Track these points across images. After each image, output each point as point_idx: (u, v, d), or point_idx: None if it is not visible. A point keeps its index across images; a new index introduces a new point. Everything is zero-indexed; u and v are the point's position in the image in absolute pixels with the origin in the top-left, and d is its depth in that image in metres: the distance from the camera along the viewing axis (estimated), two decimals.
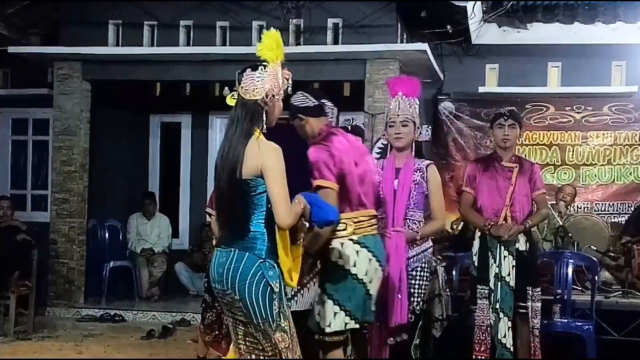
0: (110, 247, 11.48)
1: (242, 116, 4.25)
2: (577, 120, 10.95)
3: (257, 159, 4.14)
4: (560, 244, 8.56)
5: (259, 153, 4.15)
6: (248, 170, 4.15)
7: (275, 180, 4.15)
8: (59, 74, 10.57)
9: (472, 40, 10.90)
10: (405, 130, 5.73)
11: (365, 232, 5.04)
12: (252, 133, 4.21)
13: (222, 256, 4.25)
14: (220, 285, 4.25)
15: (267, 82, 4.27)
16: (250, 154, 4.16)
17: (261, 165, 4.14)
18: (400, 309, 5.55)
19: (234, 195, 4.19)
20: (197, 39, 10.35)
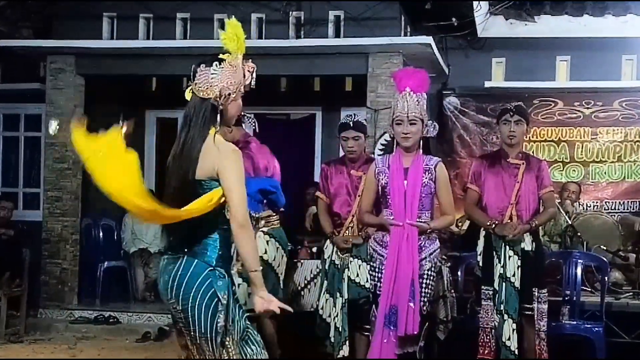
0: (105, 246, 11.46)
1: (195, 115, 4.10)
2: (587, 116, 10.95)
3: (214, 160, 4.02)
4: (569, 243, 8.57)
5: (217, 154, 4.02)
6: (203, 171, 4.03)
7: (234, 182, 4.02)
8: (52, 68, 10.56)
9: (478, 33, 10.90)
10: (414, 129, 5.70)
11: (273, 226, 6.41)
12: (207, 133, 4.07)
13: (169, 263, 4.11)
14: (165, 294, 4.11)
15: (222, 80, 4.13)
16: (206, 155, 4.03)
17: (218, 166, 4.01)
18: (413, 318, 5.51)
19: (186, 198, 4.01)
20: (194, 32, 10.34)
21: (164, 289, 4.12)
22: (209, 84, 4.11)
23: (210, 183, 4.04)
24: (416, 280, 5.54)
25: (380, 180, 5.80)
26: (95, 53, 10.41)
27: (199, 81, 4.14)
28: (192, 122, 4.10)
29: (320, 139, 11.71)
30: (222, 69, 4.14)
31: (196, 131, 4.08)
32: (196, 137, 4.07)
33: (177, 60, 10.22)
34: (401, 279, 5.54)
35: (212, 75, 4.12)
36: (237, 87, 4.18)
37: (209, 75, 4.12)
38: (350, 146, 6.70)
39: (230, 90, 4.13)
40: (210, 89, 4.11)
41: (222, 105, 4.13)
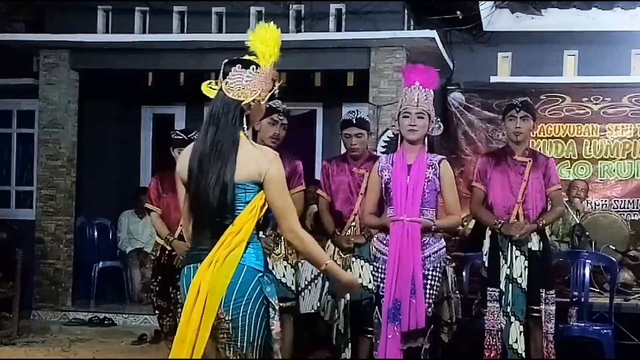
0: (100, 246, 11.47)
1: (224, 115, 4.06)
2: (595, 112, 10.95)
3: (257, 165, 3.99)
4: (577, 243, 8.56)
5: (261, 159, 4.01)
6: (243, 175, 3.98)
7: (281, 190, 4.04)
8: (45, 62, 10.55)
9: (483, 27, 10.90)
10: (421, 122, 5.72)
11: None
12: (238, 136, 4.03)
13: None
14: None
15: (256, 85, 4.09)
16: (245, 158, 3.99)
17: (263, 172, 3.98)
18: (416, 312, 5.53)
19: (224, 202, 3.96)
20: (191, 26, 10.35)
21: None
22: (242, 87, 4.07)
23: (248, 186, 4.01)
24: (417, 275, 5.55)
25: (384, 176, 5.81)
26: (90, 47, 10.39)
27: (232, 81, 4.09)
28: (222, 122, 4.05)
29: (321, 135, 11.71)
30: (258, 75, 4.10)
31: (227, 132, 4.02)
32: (228, 139, 4.01)
33: (174, 55, 10.22)
34: (403, 274, 5.56)
35: (247, 79, 4.08)
36: (266, 95, 4.15)
37: (244, 78, 4.08)
38: (353, 144, 6.70)
39: (261, 97, 4.12)
40: (242, 92, 4.07)
41: (250, 110, 4.11)
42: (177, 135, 7.32)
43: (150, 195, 7.33)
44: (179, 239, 6.93)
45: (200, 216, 4.06)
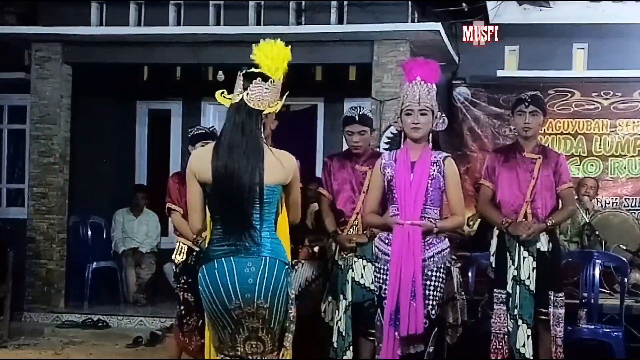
0: (94, 246, 11.47)
1: (249, 123, 4.52)
2: (605, 107, 10.94)
3: (284, 169, 4.58)
4: (587, 242, 8.57)
5: (286, 163, 4.61)
6: (271, 178, 4.50)
7: (297, 185, 4.77)
8: (37, 56, 10.55)
9: (490, 19, 10.88)
10: (424, 120, 5.69)
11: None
12: (263, 142, 4.54)
13: (246, 265, 4.48)
14: (247, 295, 4.45)
15: (273, 97, 4.63)
16: (271, 163, 4.52)
17: (292, 176, 4.63)
18: (416, 317, 5.53)
19: (253, 203, 4.47)
20: (188, 19, 10.32)
21: (245, 291, 4.46)
22: (262, 98, 4.57)
23: (277, 189, 4.58)
24: (418, 279, 5.54)
25: (386, 174, 5.79)
26: (84, 40, 10.39)
27: (254, 93, 4.56)
28: (246, 129, 4.51)
29: (322, 131, 11.70)
30: (274, 87, 4.65)
31: (255, 138, 4.51)
32: (255, 145, 4.49)
33: (170, 49, 10.22)
34: (404, 278, 5.54)
35: (266, 91, 4.59)
36: (279, 104, 4.68)
37: (263, 90, 4.58)
38: (355, 141, 6.68)
39: (276, 107, 4.64)
40: (263, 103, 4.57)
41: (267, 118, 4.67)
42: (199, 130, 7.20)
43: (171, 194, 7.24)
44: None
45: (227, 217, 4.51)
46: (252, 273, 4.45)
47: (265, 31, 9.67)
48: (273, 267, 4.48)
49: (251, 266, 4.47)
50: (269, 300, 4.46)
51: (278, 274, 4.49)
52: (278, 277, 4.49)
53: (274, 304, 4.48)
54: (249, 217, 4.47)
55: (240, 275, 4.45)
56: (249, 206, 4.46)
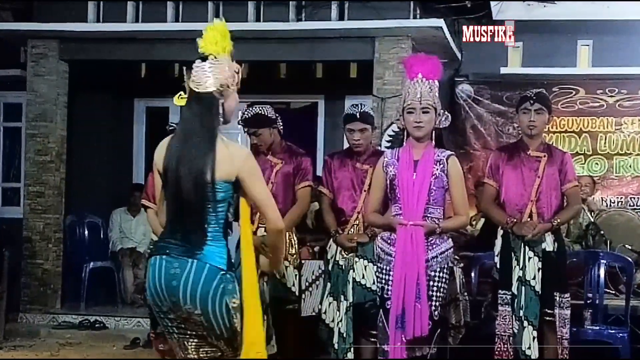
0: (90, 246, 11.45)
1: (200, 112, 4.31)
2: (610, 105, 10.94)
3: (232, 164, 4.25)
4: (591, 242, 8.55)
5: (235, 157, 4.28)
6: (219, 173, 4.22)
7: (260, 184, 4.39)
8: (33, 53, 10.54)
9: (493, 15, 10.87)
10: (426, 118, 5.68)
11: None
12: (216, 130, 4.30)
13: (172, 266, 4.23)
14: (172, 298, 4.23)
15: (219, 72, 4.34)
16: (221, 157, 4.24)
17: (238, 170, 4.26)
18: (421, 319, 5.51)
19: (197, 200, 4.23)
20: (186, 14, 10.31)
21: (170, 294, 4.23)
22: (207, 77, 4.33)
23: (224, 186, 4.26)
24: (422, 281, 5.53)
25: (389, 172, 5.78)
26: (80, 37, 10.38)
27: (196, 77, 4.35)
28: (198, 118, 4.30)
29: (322, 129, 11.69)
30: (218, 63, 4.36)
31: (205, 128, 4.29)
32: (207, 135, 4.27)
33: (168, 45, 10.20)
34: (408, 280, 5.54)
35: (210, 69, 4.34)
36: (232, 81, 4.39)
37: (206, 70, 4.34)
38: (356, 139, 6.67)
39: (230, 82, 4.36)
40: (210, 82, 4.32)
41: (222, 98, 4.33)
42: (171, 127, 7.24)
43: (147, 190, 7.28)
44: None
45: (174, 212, 4.32)
46: (177, 275, 4.20)
47: (265, 27, 9.71)
48: (200, 272, 4.18)
49: (177, 268, 4.21)
50: (200, 307, 4.19)
51: (207, 280, 4.17)
52: (206, 284, 4.17)
53: (207, 312, 4.19)
54: (191, 214, 4.23)
55: (165, 276, 4.23)
56: (192, 203, 4.22)
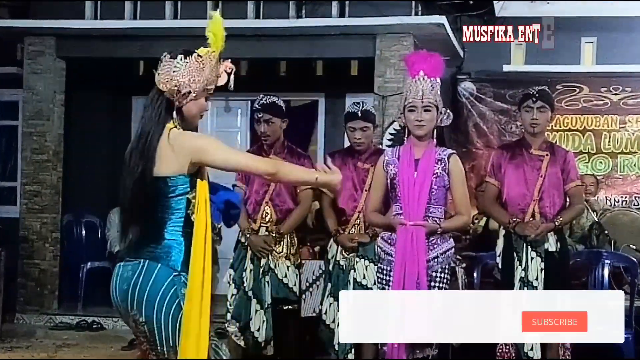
0: (88, 246, 11.45)
1: (151, 107, 4.11)
2: (615, 103, 10.93)
3: (179, 155, 4.00)
4: (595, 242, 8.54)
5: (180, 148, 4.01)
6: (166, 167, 4.01)
7: (219, 152, 4.05)
8: (30, 50, 10.54)
9: (496, 12, 10.86)
10: (428, 116, 5.67)
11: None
12: (161, 129, 4.05)
13: (126, 269, 4.05)
14: (123, 304, 4.05)
15: (183, 75, 4.07)
16: (163, 151, 4.01)
17: (190, 156, 4.00)
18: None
19: (147, 196, 4.01)
20: (185, 11, 10.30)
21: (121, 300, 4.06)
22: (169, 77, 4.08)
23: (177, 180, 4.01)
24: (423, 281, 5.53)
25: (389, 171, 5.78)
26: (78, 34, 10.38)
27: (162, 72, 4.11)
28: (148, 114, 4.11)
29: (323, 127, 11.69)
30: (187, 64, 4.09)
31: (152, 125, 4.07)
32: (152, 132, 4.05)
33: (167, 42, 10.11)
34: (408, 281, 5.54)
35: (175, 69, 4.09)
36: (201, 86, 4.10)
37: (172, 68, 4.09)
38: (357, 137, 6.68)
39: (191, 88, 4.08)
40: (169, 83, 4.07)
41: (178, 102, 4.10)
42: None
43: None
44: None
45: (127, 212, 4.12)
46: (128, 278, 4.00)
47: (265, 24, 9.71)
48: (151, 273, 3.95)
49: (129, 270, 4.01)
50: (145, 314, 3.95)
51: (157, 281, 3.95)
52: (156, 285, 3.94)
53: (152, 319, 3.95)
54: (142, 212, 4.02)
55: (118, 280, 4.05)
56: (140, 199, 4.00)
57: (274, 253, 6.63)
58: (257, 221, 6.70)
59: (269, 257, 6.67)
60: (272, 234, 6.68)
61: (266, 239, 6.67)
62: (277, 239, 6.68)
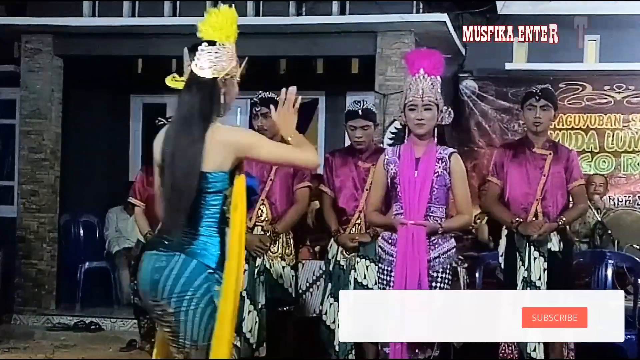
0: (86, 245, 11.45)
1: (200, 98, 4.18)
2: (618, 101, 10.93)
3: (225, 150, 4.12)
4: (599, 242, 8.55)
5: (227, 142, 4.13)
6: (207, 163, 4.10)
7: (265, 146, 4.23)
8: (27, 48, 10.54)
9: (498, 9, 10.86)
10: (429, 115, 5.66)
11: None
12: (212, 118, 4.16)
13: (160, 260, 4.11)
14: (152, 293, 4.11)
15: (225, 60, 4.24)
16: (213, 146, 4.10)
17: (234, 153, 4.12)
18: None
19: (188, 191, 4.09)
20: (184, 9, 10.31)
21: (151, 289, 4.11)
22: (213, 63, 4.21)
23: (218, 176, 4.12)
24: (424, 281, 5.53)
25: (390, 170, 5.78)
26: (75, 32, 10.38)
27: (201, 61, 4.22)
28: (196, 103, 4.17)
29: (323, 126, 11.69)
30: (225, 50, 4.25)
31: (201, 114, 4.15)
32: (201, 121, 4.14)
33: (166, 40, 10.19)
34: (409, 281, 5.53)
35: (217, 55, 4.22)
36: (237, 70, 4.30)
37: (213, 55, 4.22)
38: (358, 136, 6.67)
39: (233, 72, 4.27)
40: (215, 68, 4.20)
41: (224, 87, 4.22)
42: (160, 122, 7.27)
43: (135, 188, 7.31)
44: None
45: (167, 205, 4.19)
46: (160, 269, 4.07)
47: (265, 22, 9.71)
48: (185, 268, 4.04)
49: (163, 261, 4.08)
50: (174, 306, 4.03)
51: (190, 276, 4.03)
52: (189, 280, 4.03)
53: (180, 312, 4.03)
54: (182, 206, 4.08)
55: (150, 270, 4.11)
56: (183, 194, 4.08)
57: (269, 253, 6.61)
58: (252, 219, 6.64)
59: (264, 257, 6.65)
60: (267, 233, 6.66)
61: (262, 238, 6.63)
62: (273, 239, 6.65)
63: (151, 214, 7.27)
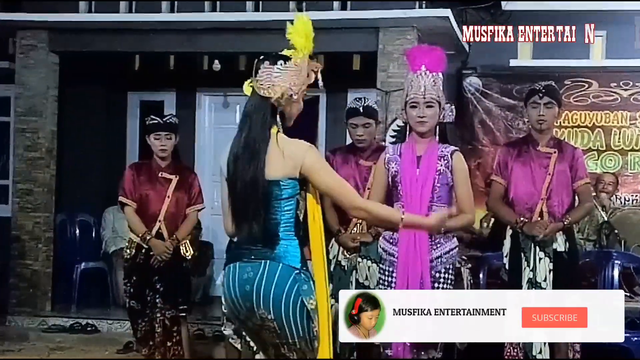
0: (82, 246, 11.46)
1: (256, 113, 4.35)
2: (624, 99, 10.94)
3: (291, 160, 4.29)
4: (605, 242, 8.55)
5: (294, 153, 4.31)
6: (276, 171, 4.28)
7: (325, 174, 4.40)
8: (22, 44, 10.53)
9: (502, 5, 10.86)
10: (430, 112, 5.65)
11: None
12: (268, 133, 4.32)
13: (245, 271, 4.30)
14: (248, 304, 4.30)
15: (285, 80, 4.36)
16: (278, 155, 4.28)
17: (301, 165, 4.30)
18: None
19: (260, 199, 4.28)
20: (182, 5, 10.30)
21: (245, 300, 4.31)
22: (271, 83, 4.34)
23: (287, 183, 4.31)
24: (426, 281, 5.53)
25: (391, 169, 5.77)
26: (71, 28, 10.38)
27: (262, 79, 4.36)
28: (253, 120, 4.35)
29: (324, 124, 11.68)
30: (287, 69, 4.39)
31: (257, 131, 4.32)
32: (258, 138, 4.31)
33: (163, 36, 10.20)
34: (411, 281, 5.53)
35: (276, 75, 4.35)
36: (300, 89, 4.44)
37: (273, 74, 4.35)
38: (359, 134, 6.67)
39: (293, 92, 4.39)
40: (272, 89, 4.34)
41: (282, 107, 4.39)
42: (152, 120, 7.27)
43: (124, 187, 7.27)
44: (156, 237, 7.01)
45: (240, 215, 4.37)
46: (250, 279, 4.27)
47: (264, 18, 9.70)
48: (274, 273, 4.24)
49: (250, 272, 4.28)
50: (273, 311, 4.23)
51: (281, 280, 4.23)
52: (281, 284, 4.22)
53: (281, 316, 4.23)
54: (256, 214, 4.28)
55: (239, 282, 4.31)
56: (254, 202, 4.28)
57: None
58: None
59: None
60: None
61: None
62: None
63: (142, 214, 7.26)
